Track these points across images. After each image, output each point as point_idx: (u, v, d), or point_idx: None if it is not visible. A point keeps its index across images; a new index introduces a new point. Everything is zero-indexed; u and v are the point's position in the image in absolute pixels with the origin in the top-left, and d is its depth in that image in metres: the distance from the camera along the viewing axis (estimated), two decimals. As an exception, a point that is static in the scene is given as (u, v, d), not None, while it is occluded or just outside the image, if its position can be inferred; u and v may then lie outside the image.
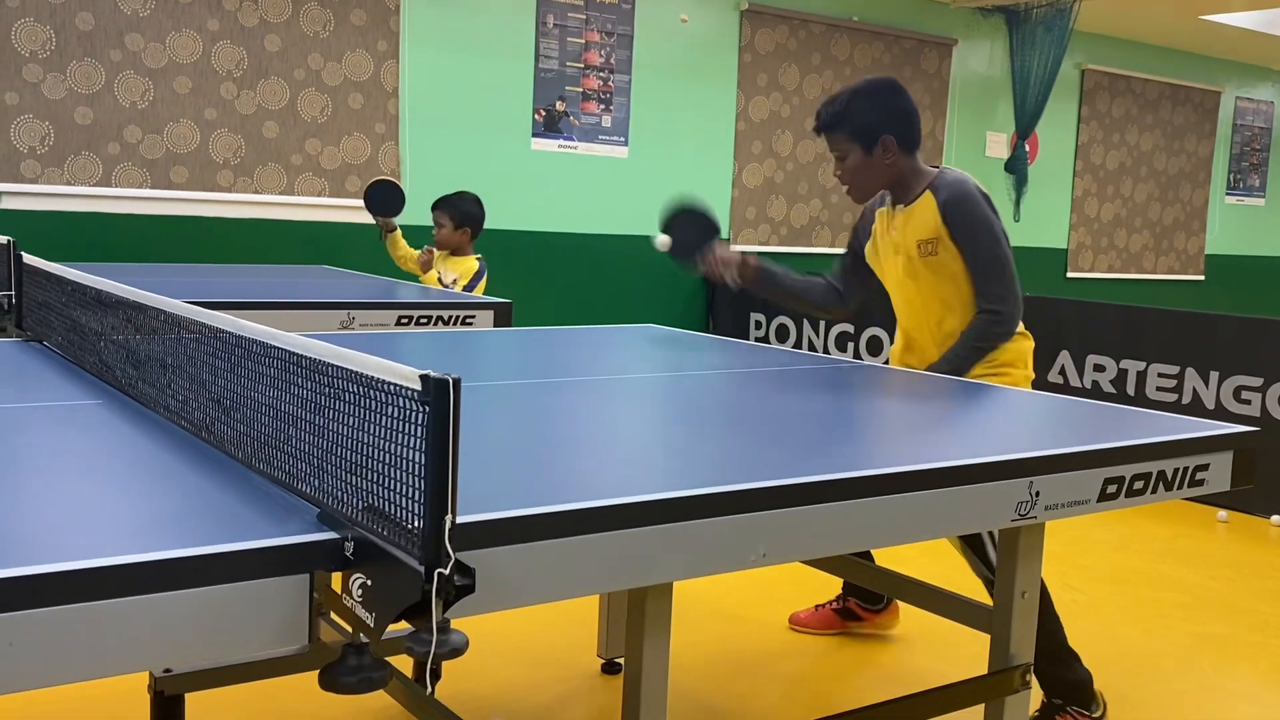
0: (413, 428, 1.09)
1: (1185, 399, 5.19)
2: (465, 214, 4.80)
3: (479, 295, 4.63)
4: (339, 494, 1.20)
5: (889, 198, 2.84)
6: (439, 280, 4.72)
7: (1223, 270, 10.56)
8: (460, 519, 1.07)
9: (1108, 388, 5.45)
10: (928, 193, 2.73)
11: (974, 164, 8.68)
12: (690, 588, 3.61)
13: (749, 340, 7.12)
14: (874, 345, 6.48)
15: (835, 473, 1.53)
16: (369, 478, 1.15)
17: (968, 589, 2.51)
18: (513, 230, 6.57)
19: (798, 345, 6.93)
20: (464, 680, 2.92)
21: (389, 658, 1.22)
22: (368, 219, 5.08)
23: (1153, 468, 1.86)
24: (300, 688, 2.76)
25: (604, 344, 2.92)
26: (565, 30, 6.72)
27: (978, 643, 2.21)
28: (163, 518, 1.20)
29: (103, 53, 5.44)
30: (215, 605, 1.07)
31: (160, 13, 5.54)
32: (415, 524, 1.07)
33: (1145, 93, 9.74)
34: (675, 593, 1.66)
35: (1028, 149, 8.81)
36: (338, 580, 1.16)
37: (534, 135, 6.70)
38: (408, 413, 1.11)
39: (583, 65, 6.82)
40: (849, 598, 3.36)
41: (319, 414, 1.28)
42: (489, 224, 4.97)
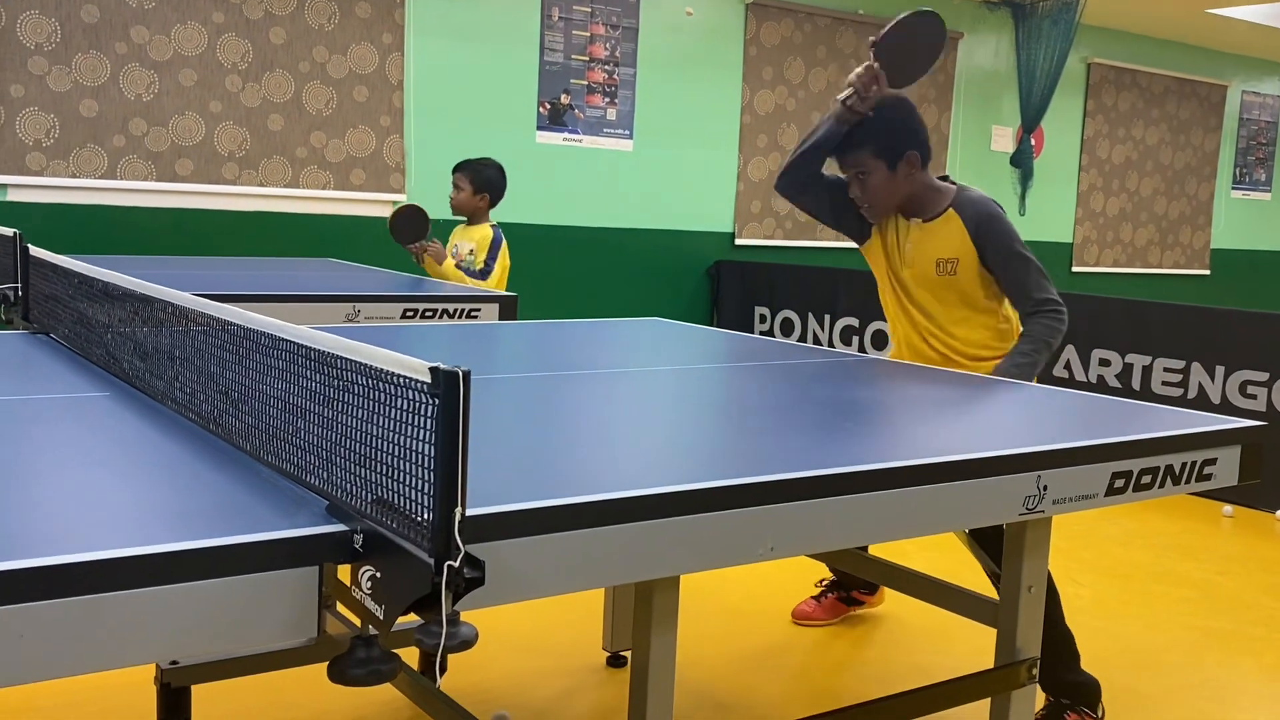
0: (422, 420, 1.09)
1: (1191, 394, 5.18)
2: (486, 179, 4.64)
3: (503, 266, 4.52)
4: (348, 486, 1.20)
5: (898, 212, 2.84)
6: (453, 255, 4.56)
7: (1228, 265, 10.54)
8: (469, 512, 1.07)
9: (1113, 382, 5.44)
10: (951, 211, 2.75)
11: (979, 158, 8.67)
12: (694, 581, 3.61)
13: (754, 333, 7.12)
14: (879, 339, 6.47)
15: (842, 466, 1.53)
16: (378, 470, 1.15)
17: (972, 583, 2.51)
18: (517, 223, 6.55)
19: (802, 339, 6.92)
20: (469, 673, 2.92)
21: (395, 650, 1.22)
22: (372, 212, 5.08)
23: (1160, 462, 1.86)
24: (306, 680, 2.77)
25: (609, 337, 2.92)
26: (570, 23, 6.72)
27: (983, 637, 2.21)
28: (171, 510, 1.20)
29: (108, 45, 5.44)
30: (224, 597, 1.07)
31: (165, 5, 5.54)
32: (425, 516, 1.07)
33: (1151, 87, 9.71)
34: (680, 586, 1.66)
35: (1033, 143, 8.79)
36: (346, 573, 1.16)
37: (539, 128, 6.70)
38: (417, 405, 1.11)
39: (588, 58, 6.81)
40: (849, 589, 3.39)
41: (327, 406, 1.28)
42: (493, 218, 4.95)
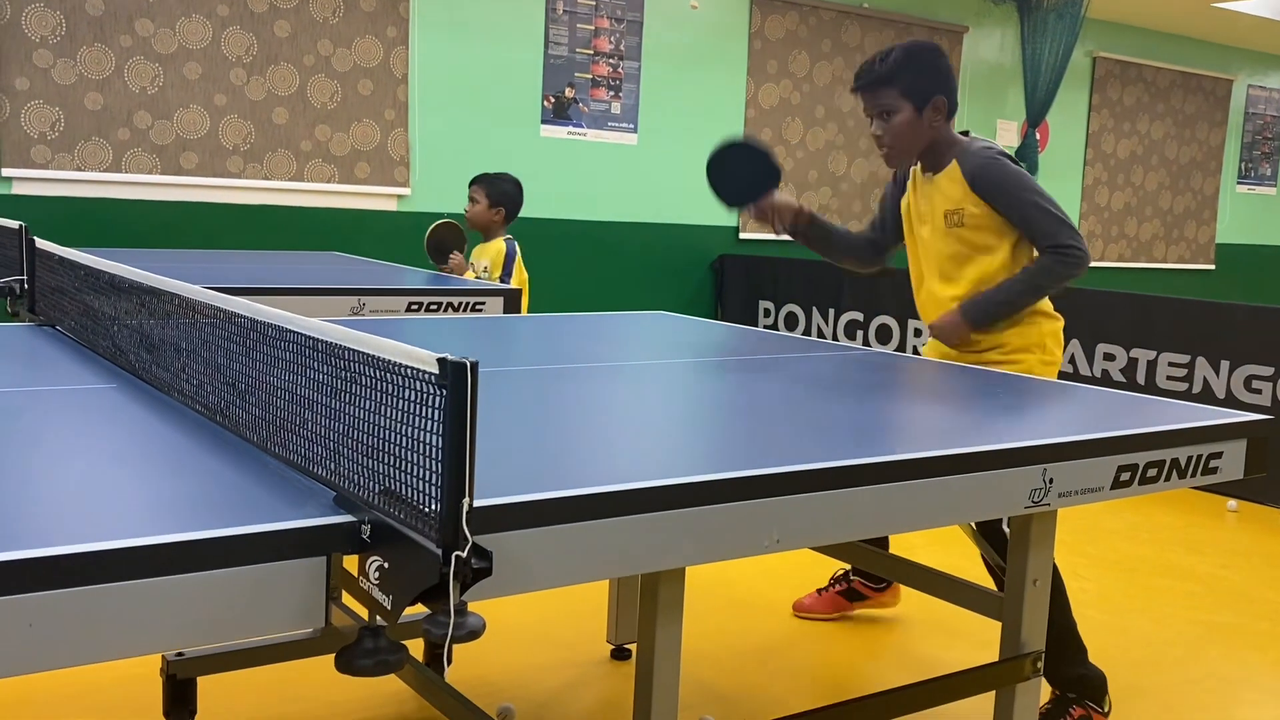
0: (430, 411, 1.10)
1: (1196, 388, 5.18)
2: (502, 193, 4.61)
3: (520, 279, 4.50)
4: (355, 477, 1.20)
5: (919, 164, 2.82)
6: (472, 270, 4.57)
7: (1234, 259, 10.52)
8: (476, 503, 1.07)
9: (1118, 377, 5.43)
10: (954, 163, 2.73)
11: (984, 152, 8.65)
12: (699, 575, 3.61)
13: (757, 327, 7.11)
14: (883, 333, 6.46)
15: (848, 459, 1.52)
16: (385, 461, 1.16)
17: (978, 576, 2.51)
18: (521, 217, 6.54)
19: (806, 332, 6.92)
20: (474, 666, 2.93)
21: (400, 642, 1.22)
22: (376, 205, 5.07)
23: (1166, 455, 1.86)
24: (310, 672, 2.78)
25: (614, 331, 2.92)
26: (575, 16, 6.71)
27: (988, 630, 2.21)
28: (179, 500, 1.21)
29: (113, 38, 5.44)
30: (232, 587, 1.07)
31: (170, -2, 5.55)
32: (432, 507, 1.07)
33: (1157, 81, 9.69)
34: (685, 579, 1.66)
35: (1038, 137, 8.77)
36: (353, 564, 1.17)
37: (543, 122, 6.70)
38: (425, 396, 1.11)
39: (592, 52, 6.80)
40: (854, 577, 3.35)
41: (335, 398, 1.28)
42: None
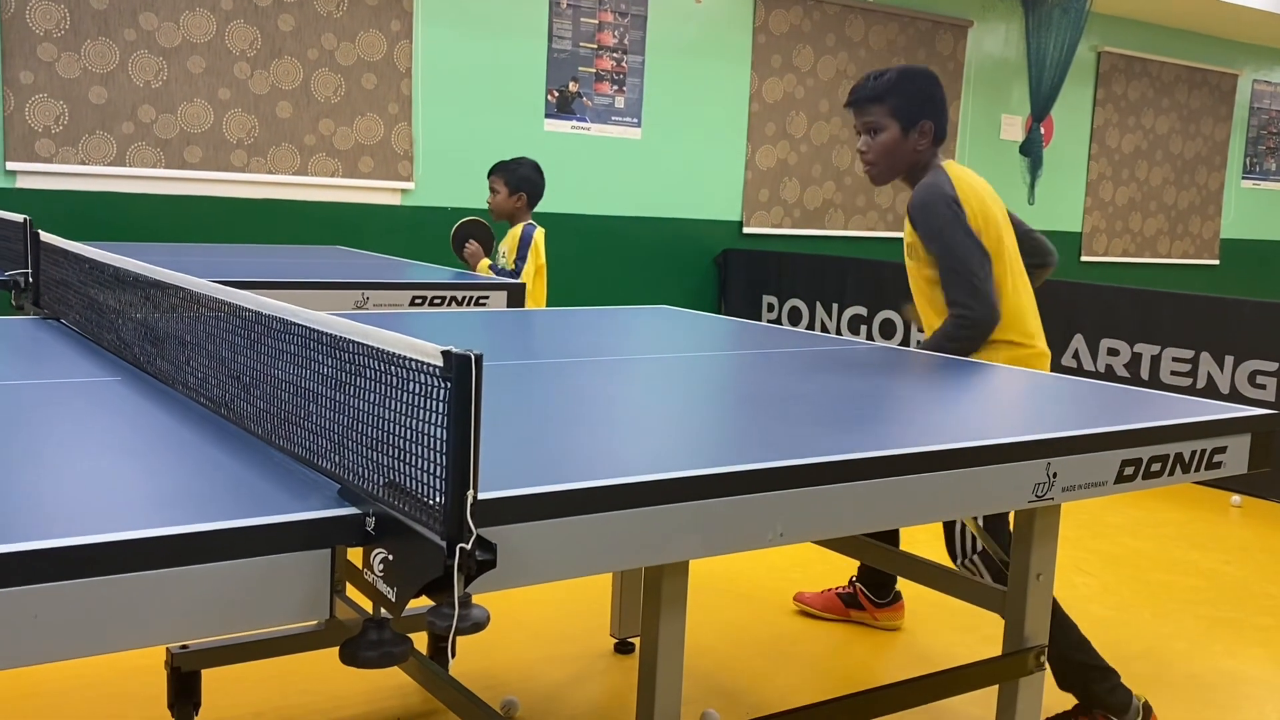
0: (434, 404, 1.10)
1: (1200, 383, 5.17)
2: (521, 179, 4.55)
3: (537, 264, 4.44)
4: (360, 470, 1.20)
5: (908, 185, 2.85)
6: (500, 258, 4.54)
7: (1238, 254, 10.51)
8: (480, 495, 1.08)
9: (1121, 372, 5.43)
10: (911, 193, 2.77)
11: (988, 147, 8.64)
12: (703, 569, 3.62)
13: (761, 322, 7.11)
14: (887, 328, 6.46)
15: (852, 452, 1.53)
16: (390, 454, 1.16)
17: (981, 571, 2.50)
18: (525, 211, 6.58)
19: (810, 327, 6.91)
20: (478, 659, 2.93)
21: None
22: (380, 199, 5.08)
23: (1170, 450, 1.86)
24: (314, 666, 2.78)
25: (617, 325, 2.92)
26: (579, 10, 6.70)
27: (991, 624, 2.21)
28: (183, 493, 1.21)
29: (117, 32, 5.44)
30: (236, 579, 1.07)
31: (174, -8, 5.55)
32: (437, 499, 1.07)
33: (1161, 75, 9.67)
34: (689, 573, 1.67)
35: (1043, 132, 8.76)
36: (358, 556, 1.17)
37: (547, 116, 6.69)
38: (429, 389, 1.11)
39: (596, 46, 6.80)
40: (858, 584, 3.36)
41: (339, 390, 1.29)
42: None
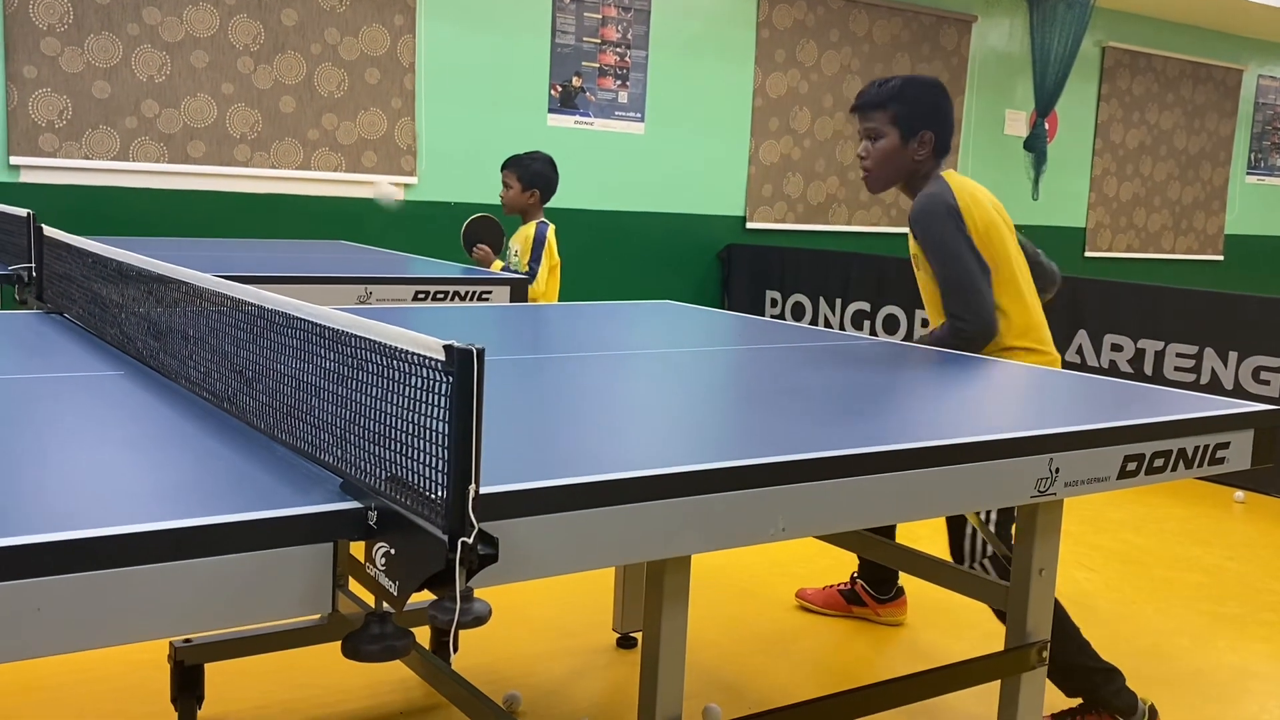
0: (436, 398, 1.10)
1: (1204, 379, 5.16)
2: (534, 174, 4.47)
3: (551, 262, 4.41)
4: (362, 464, 1.20)
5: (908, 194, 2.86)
6: (512, 256, 4.51)
7: (1242, 250, 10.49)
8: (482, 490, 1.08)
9: (1125, 367, 5.42)
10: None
11: (992, 142, 8.63)
12: (705, 564, 3.62)
13: (764, 317, 7.11)
14: (890, 324, 6.46)
15: (854, 447, 1.53)
16: (392, 448, 1.16)
17: (984, 566, 2.50)
18: (529, 206, 6.58)
19: (813, 322, 6.91)
20: (480, 653, 2.94)
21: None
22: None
23: (1173, 445, 1.85)
24: (317, 659, 2.79)
25: (620, 320, 2.92)
26: (582, 5, 6.69)
27: (994, 620, 2.21)
28: (186, 486, 1.21)
29: (120, 26, 5.44)
30: (239, 573, 1.07)
31: (177, -14, 5.54)
32: (439, 494, 1.07)
33: (1166, 70, 9.65)
34: (691, 568, 1.67)
35: (1047, 127, 8.75)
36: (360, 550, 1.17)
37: (550, 111, 6.69)
38: (431, 383, 1.11)
39: (599, 41, 6.79)
40: (859, 580, 3.35)
41: (342, 385, 1.29)
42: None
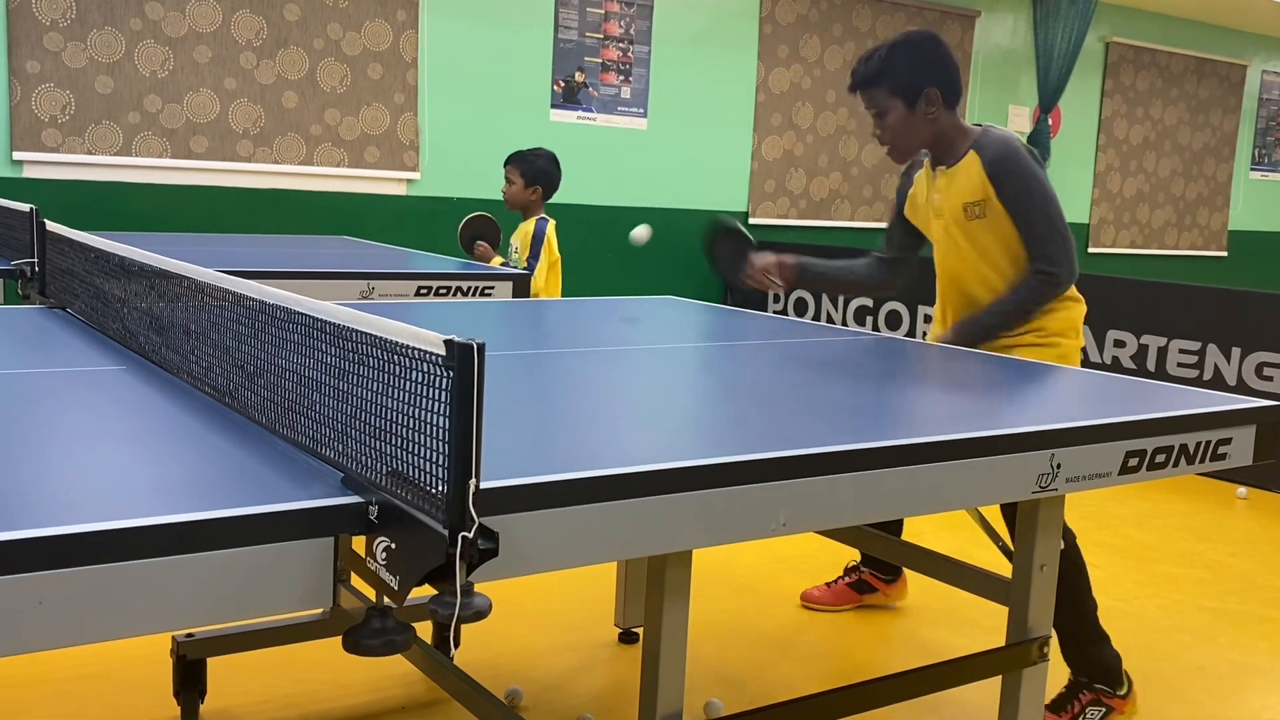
0: (437, 393, 1.10)
1: (1207, 375, 5.16)
2: (537, 170, 4.46)
3: (550, 259, 4.37)
4: (363, 459, 1.20)
5: (928, 159, 2.76)
6: (512, 253, 4.49)
7: (1246, 246, 10.47)
8: (483, 484, 1.08)
9: (1128, 363, 5.42)
10: (972, 152, 2.65)
11: (995, 137, 8.61)
12: (707, 559, 3.62)
13: (767, 313, 7.11)
14: (893, 319, 6.45)
15: (855, 443, 1.53)
16: (393, 443, 1.16)
17: (985, 561, 2.50)
18: (531, 202, 6.57)
19: (816, 318, 6.91)
20: (482, 649, 2.94)
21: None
22: (385, 190, 5.07)
23: (1175, 441, 1.85)
24: (319, 654, 2.79)
25: (622, 315, 2.92)
26: (585, 0, 6.69)
27: (996, 616, 2.21)
28: (188, 481, 1.21)
29: (123, 21, 5.44)
30: (241, 567, 1.08)
31: (180, -19, 5.54)
32: (439, 488, 1.07)
33: (1170, 66, 9.63)
34: (692, 563, 1.67)
35: (1050, 123, 8.74)
36: (361, 544, 1.17)
37: (553, 106, 6.68)
38: (432, 378, 1.11)
39: (602, 36, 6.78)
40: (863, 569, 3.35)
41: (343, 380, 1.29)
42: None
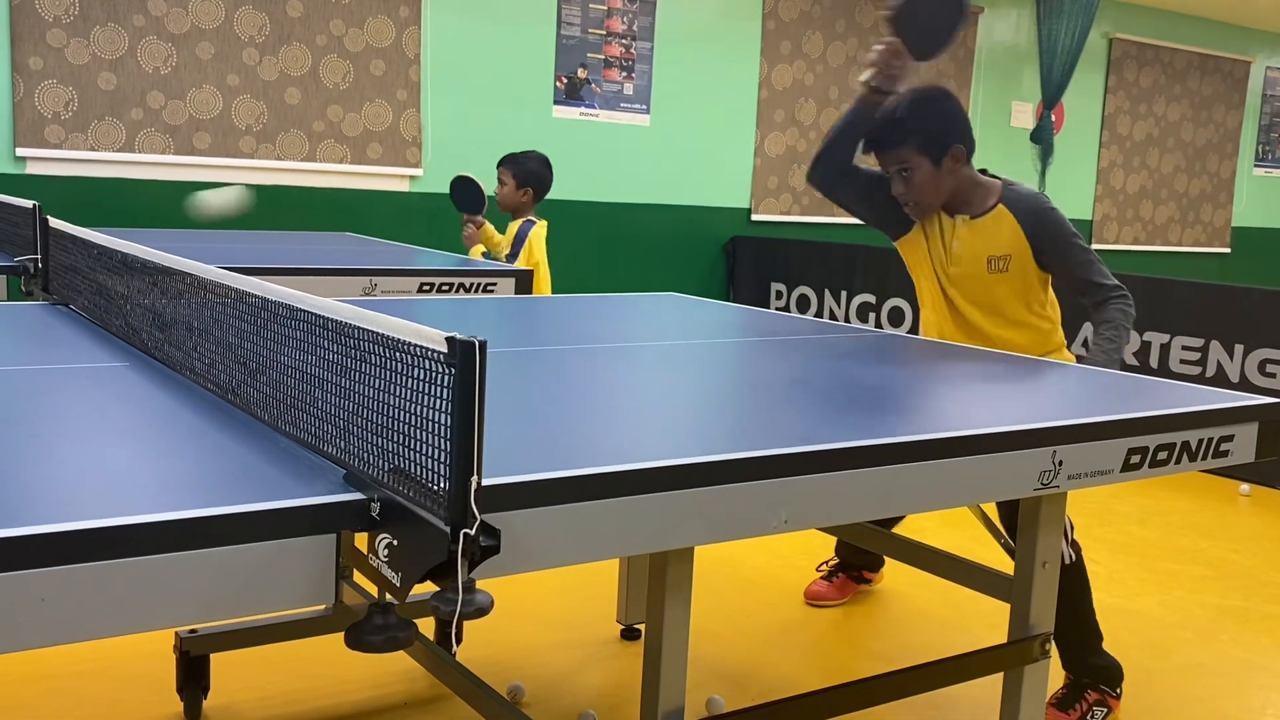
0: (439, 390, 1.10)
1: (1209, 372, 5.16)
2: (528, 173, 4.48)
3: (529, 262, 4.34)
4: (365, 455, 1.20)
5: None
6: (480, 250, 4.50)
7: (1250, 243, 10.46)
8: (485, 482, 1.08)
9: (1130, 360, 5.41)
10: (1001, 208, 2.67)
11: (998, 134, 8.60)
12: (708, 556, 3.63)
13: (769, 309, 7.11)
14: (895, 316, 6.45)
15: (857, 440, 1.53)
16: (395, 439, 1.16)
17: (987, 558, 2.51)
18: (534, 198, 6.56)
19: (818, 315, 6.91)
20: (484, 645, 2.95)
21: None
22: (388, 186, 5.07)
23: (1177, 438, 1.85)
24: (321, 650, 2.80)
25: (625, 312, 2.92)
26: (587, -3, 6.68)
27: (997, 613, 2.21)
28: (191, 477, 1.22)
29: (125, 18, 5.44)
30: (243, 563, 1.08)
31: (183, -22, 5.54)
32: (441, 485, 1.08)
33: (1174, 62, 9.61)
34: (694, 560, 1.67)
35: (1053, 119, 8.72)
36: (363, 541, 1.17)
37: (555, 103, 6.68)
38: (434, 375, 1.11)
39: (605, 32, 6.78)
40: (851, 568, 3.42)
41: (345, 376, 1.29)
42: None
